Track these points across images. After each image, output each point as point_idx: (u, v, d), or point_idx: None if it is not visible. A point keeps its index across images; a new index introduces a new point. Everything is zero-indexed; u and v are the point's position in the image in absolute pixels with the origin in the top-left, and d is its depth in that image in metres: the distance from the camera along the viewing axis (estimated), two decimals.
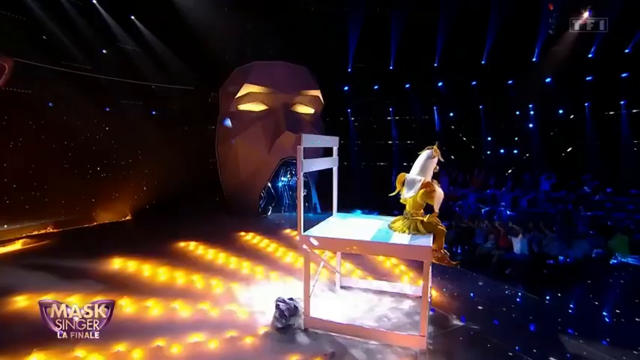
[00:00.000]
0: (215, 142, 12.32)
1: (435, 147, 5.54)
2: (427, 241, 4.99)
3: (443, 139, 14.81)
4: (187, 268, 7.56)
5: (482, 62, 13.36)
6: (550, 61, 12.58)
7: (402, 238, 5.14)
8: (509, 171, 13.78)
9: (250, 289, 6.81)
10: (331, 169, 6.59)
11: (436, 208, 5.40)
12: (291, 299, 5.88)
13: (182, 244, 9.10)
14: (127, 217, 11.82)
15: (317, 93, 12.70)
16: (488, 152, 14.48)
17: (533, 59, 12.73)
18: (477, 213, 11.28)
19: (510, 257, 8.47)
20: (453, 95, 14.19)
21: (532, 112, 13.81)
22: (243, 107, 11.98)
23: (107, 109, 11.18)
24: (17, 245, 8.95)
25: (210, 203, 13.02)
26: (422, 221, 5.33)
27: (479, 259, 8.99)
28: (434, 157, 5.51)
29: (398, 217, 5.64)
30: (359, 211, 11.07)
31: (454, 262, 5.53)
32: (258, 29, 12.50)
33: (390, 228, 5.56)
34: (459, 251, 10.02)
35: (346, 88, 15.01)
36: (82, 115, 10.58)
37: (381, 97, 14.93)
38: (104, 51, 10.88)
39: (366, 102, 15.13)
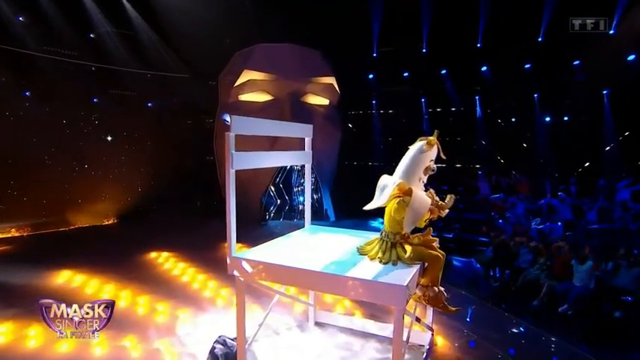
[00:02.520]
0: (213, 137, 10.89)
1: (431, 137, 3.57)
2: (403, 276, 3.07)
3: (487, 135, 12.68)
4: (140, 285, 6.24)
5: (539, 39, 10.79)
6: (634, 32, 9.67)
7: (371, 270, 3.24)
8: (575, 174, 11.00)
9: (198, 319, 5.25)
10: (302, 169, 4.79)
11: (406, 227, 3.42)
12: (233, 339, 4.27)
13: (153, 254, 7.80)
14: (111, 221, 10.74)
15: (331, 80, 10.95)
16: (546, 151, 11.75)
17: (610, 31, 9.86)
18: (525, 227, 8.90)
19: (567, 289, 6.25)
20: (500, 81, 11.66)
21: (606, 101, 10.92)
22: (244, 97, 10.52)
23: (95, 100, 10.20)
24: None
25: (207, 206, 11.69)
26: (402, 245, 3.41)
27: (522, 289, 6.87)
28: (425, 150, 3.53)
29: (374, 238, 3.72)
30: (378, 220, 9.14)
31: (453, 308, 3.54)
32: (264, 7, 10.92)
33: (361, 252, 3.68)
34: (497, 275, 7.82)
35: (371, 75, 13.03)
36: (67, 107, 9.65)
37: (411, 86, 12.76)
38: (91, 35, 9.87)
39: (393, 91, 13.01)
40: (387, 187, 3.43)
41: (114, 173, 10.77)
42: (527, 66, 11.40)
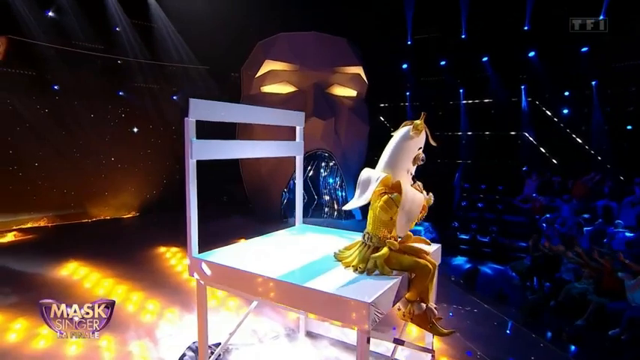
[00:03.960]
0: (235, 131, 10.60)
1: (417, 121, 2.88)
2: (371, 289, 2.43)
3: (533, 128, 11.31)
4: (138, 281, 6.01)
5: (600, 18, 9.41)
6: None
7: (338, 280, 2.63)
8: None
9: (183, 320, 4.89)
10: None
11: (399, 231, 2.75)
12: (216, 345, 3.93)
13: (162, 249, 7.60)
14: (131, 214, 10.80)
15: (358, 70, 10.26)
16: (603, 148, 10.27)
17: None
18: (573, 233, 7.73)
19: (618, 309, 5.22)
20: (551, 68, 10.36)
21: None
22: (266, 89, 10.12)
23: (121, 93, 10.29)
24: (7, 238, 8.40)
25: (232, 202, 11.46)
26: (384, 256, 2.76)
27: (563, 305, 5.88)
28: (412, 136, 2.83)
29: (356, 241, 3.08)
30: None
31: (445, 330, 2.83)
32: None
33: (337, 258, 3.06)
34: (535, 286, 6.83)
35: (405, 65, 12.14)
36: (94, 100, 9.81)
37: (449, 76, 11.71)
38: (117, 28, 9.94)
39: (429, 82, 12.03)
40: (370, 183, 2.79)
41: (139, 166, 10.84)
42: (583, 50, 10.02)
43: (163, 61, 10.76)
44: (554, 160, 10.77)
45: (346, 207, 3.00)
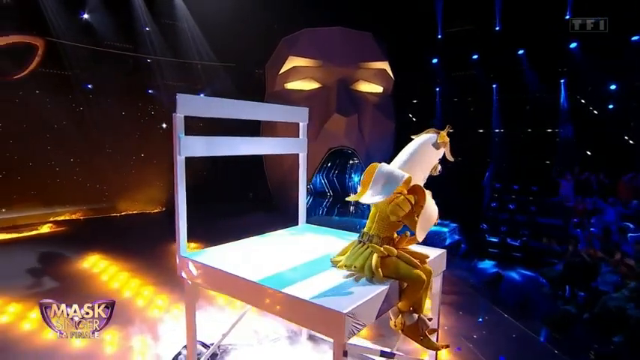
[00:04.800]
0: (260, 128, 10.59)
1: (443, 131, 2.65)
2: (354, 297, 2.24)
3: (573, 125, 10.46)
4: (151, 276, 6.09)
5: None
6: None
7: (321, 285, 2.46)
8: None
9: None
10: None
11: (420, 237, 2.52)
12: (204, 345, 3.87)
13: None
14: (158, 209, 11.06)
15: (383, 65, 9.99)
16: None
17: None
18: (615, 239, 7.10)
19: None
20: (594, 61, 9.56)
21: None
22: (290, 86, 10.06)
23: (150, 91, 10.58)
24: (42, 229, 8.84)
25: (258, 199, 11.49)
26: (382, 254, 2.54)
27: (599, 319, 5.36)
28: (439, 145, 2.60)
29: (352, 242, 2.86)
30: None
31: (438, 344, 2.58)
32: None
33: (333, 262, 2.87)
34: (567, 295, 6.33)
35: (435, 60, 11.65)
36: (124, 98, 10.15)
37: (481, 70, 11.11)
38: (147, 28, 10.21)
39: (460, 77, 11.49)
40: (394, 180, 2.56)
41: (168, 162, 11.06)
42: (634, 38, 9.17)
43: (190, 59, 10.95)
44: (595, 159, 9.95)
45: (364, 200, 2.72)
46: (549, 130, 10.54)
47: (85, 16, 9.57)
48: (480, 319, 4.91)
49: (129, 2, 9.82)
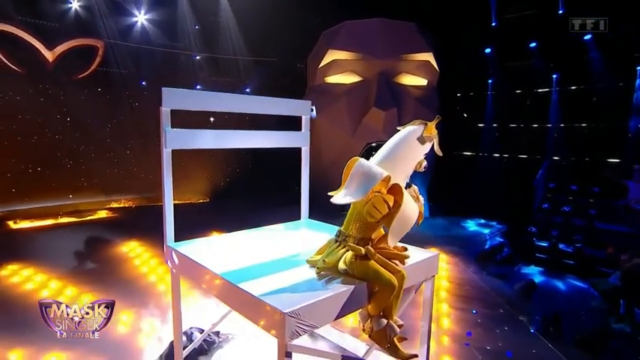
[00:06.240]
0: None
1: (431, 122, 2.42)
2: (307, 295, 2.13)
3: None
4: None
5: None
6: None
7: (284, 282, 2.38)
8: None
9: (199, 303, 5.08)
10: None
11: (391, 243, 2.34)
12: (202, 332, 3.95)
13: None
14: (202, 200, 11.54)
15: (427, 57, 9.52)
16: None
17: None
18: None
19: None
20: None
21: None
22: (331, 79, 9.97)
23: (198, 87, 11.08)
24: (99, 214, 9.71)
25: (292, 192, 11.58)
26: (356, 255, 2.39)
27: None
28: (425, 138, 2.38)
29: (330, 240, 2.73)
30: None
31: (406, 353, 2.37)
32: None
33: (309, 262, 2.76)
34: (620, 310, 5.62)
35: (488, 50, 10.84)
36: None
37: (539, 59, 10.14)
38: (196, 27, 10.70)
39: (516, 67, 10.57)
40: (371, 178, 2.42)
41: (215, 154, 11.58)
42: None
43: (236, 56, 11.29)
44: None
45: (334, 200, 2.59)
46: (617, 125, 9.31)
47: (137, 18, 10.25)
48: (498, 330, 4.45)
49: (175, 3, 10.35)
